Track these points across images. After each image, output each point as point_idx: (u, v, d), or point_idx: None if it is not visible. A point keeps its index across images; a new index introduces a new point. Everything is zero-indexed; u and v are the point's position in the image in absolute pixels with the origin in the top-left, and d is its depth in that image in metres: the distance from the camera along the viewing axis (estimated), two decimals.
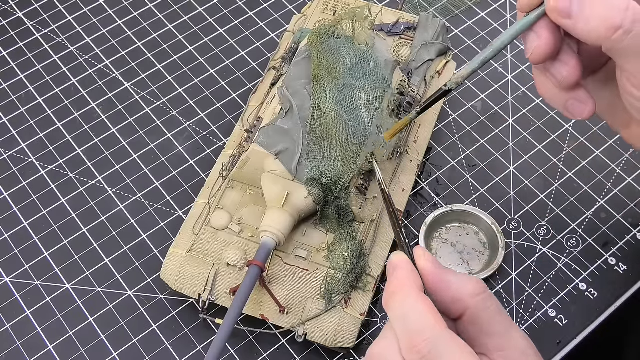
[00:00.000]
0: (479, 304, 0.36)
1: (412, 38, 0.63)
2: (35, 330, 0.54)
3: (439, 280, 0.36)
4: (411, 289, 0.35)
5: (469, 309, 0.36)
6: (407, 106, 0.58)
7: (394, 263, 0.37)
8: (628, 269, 0.57)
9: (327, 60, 0.56)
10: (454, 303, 0.36)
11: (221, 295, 0.52)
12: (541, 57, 0.40)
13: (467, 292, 0.36)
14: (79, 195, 0.61)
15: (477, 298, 0.36)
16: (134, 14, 0.72)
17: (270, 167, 0.53)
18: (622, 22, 0.36)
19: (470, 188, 0.61)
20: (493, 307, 0.36)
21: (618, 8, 0.37)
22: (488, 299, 0.36)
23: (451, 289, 0.36)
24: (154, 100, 0.66)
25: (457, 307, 0.36)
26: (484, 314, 0.36)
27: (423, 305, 0.35)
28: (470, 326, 0.36)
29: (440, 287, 0.36)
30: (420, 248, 0.37)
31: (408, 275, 0.36)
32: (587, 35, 0.38)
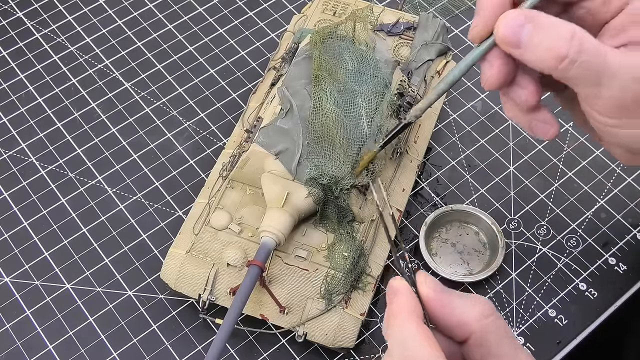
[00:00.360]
0: (485, 327, 0.35)
1: (412, 38, 0.63)
2: (35, 330, 0.54)
3: (441, 306, 0.36)
4: (410, 317, 0.35)
5: (474, 333, 0.35)
6: (407, 106, 0.58)
7: (394, 288, 0.36)
8: (628, 269, 0.57)
9: (329, 62, 0.56)
10: (459, 327, 0.36)
11: (221, 295, 0.52)
12: (495, 85, 0.41)
13: (472, 316, 0.36)
14: (79, 195, 0.61)
15: (483, 321, 0.35)
16: (134, 14, 0.72)
17: (270, 167, 0.53)
18: (567, 51, 0.37)
19: (470, 188, 0.61)
20: (500, 329, 0.36)
21: (563, 37, 0.37)
22: (495, 321, 0.36)
23: (455, 314, 0.36)
24: (154, 100, 0.66)
25: (462, 331, 0.36)
26: (491, 337, 0.35)
27: (421, 334, 0.34)
28: (476, 349, 0.36)
29: (444, 312, 0.36)
30: (422, 273, 0.37)
31: (407, 301, 0.35)
32: (536, 65, 0.39)
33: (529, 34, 0.38)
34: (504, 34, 0.39)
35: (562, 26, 0.38)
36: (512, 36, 0.39)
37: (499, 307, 0.55)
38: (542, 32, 0.38)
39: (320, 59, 0.56)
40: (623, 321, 0.57)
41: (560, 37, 0.37)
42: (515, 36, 0.38)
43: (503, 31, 0.39)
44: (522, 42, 0.38)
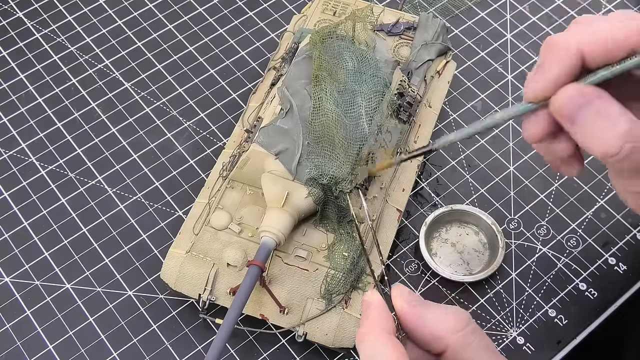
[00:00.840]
0: (459, 341, 0.35)
1: (412, 38, 0.63)
2: (35, 330, 0.54)
3: (415, 318, 0.36)
4: (380, 332, 0.35)
5: (449, 346, 0.35)
6: (407, 106, 0.58)
7: (367, 302, 0.36)
8: (628, 269, 0.57)
9: (329, 62, 0.56)
10: (434, 340, 0.36)
11: (221, 295, 0.52)
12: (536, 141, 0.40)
13: (445, 328, 0.35)
14: (79, 195, 0.61)
15: (457, 335, 0.35)
16: (134, 14, 0.72)
17: (270, 167, 0.53)
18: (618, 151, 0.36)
19: (470, 188, 0.61)
20: (475, 343, 0.36)
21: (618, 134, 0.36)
22: (469, 335, 0.36)
23: (428, 327, 0.36)
24: (154, 100, 0.66)
25: (437, 344, 0.36)
26: (464, 350, 0.35)
27: (391, 350, 0.34)
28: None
29: (417, 324, 0.36)
30: (398, 287, 0.37)
31: (379, 317, 0.36)
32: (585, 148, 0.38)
33: (584, 118, 0.37)
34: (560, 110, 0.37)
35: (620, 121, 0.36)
36: (568, 113, 0.37)
37: (498, 307, 0.55)
38: (597, 122, 0.36)
39: (320, 59, 0.56)
40: (623, 321, 0.57)
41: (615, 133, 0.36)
42: (571, 115, 0.37)
43: (559, 107, 0.37)
44: (577, 121, 0.37)
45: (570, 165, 0.42)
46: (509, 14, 0.71)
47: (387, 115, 0.55)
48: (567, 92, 0.37)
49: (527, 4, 0.72)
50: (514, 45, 0.69)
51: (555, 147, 0.41)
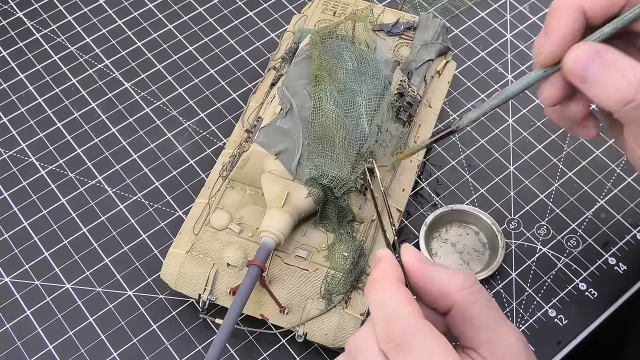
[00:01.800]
0: (466, 298, 0.36)
1: (412, 38, 0.63)
2: (35, 330, 0.54)
3: (423, 275, 0.36)
4: (391, 280, 0.36)
5: (456, 303, 0.36)
6: (407, 106, 0.58)
7: (377, 256, 0.37)
8: (628, 269, 0.57)
9: (329, 62, 0.56)
10: (441, 297, 0.36)
11: (221, 295, 0.52)
12: (553, 103, 0.42)
13: (453, 285, 0.36)
14: (79, 195, 0.61)
15: (464, 292, 0.36)
16: (134, 14, 0.72)
17: (270, 167, 0.53)
18: (633, 96, 0.37)
19: (470, 188, 0.61)
20: (482, 301, 0.36)
21: (631, 81, 0.37)
22: (476, 293, 0.36)
23: (437, 283, 0.36)
24: (154, 100, 0.66)
25: (444, 302, 0.36)
26: (472, 308, 0.36)
27: (401, 295, 0.35)
28: (458, 320, 0.36)
29: (426, 281, 0.36)
30: (408, 245, 0.38)
31: (390, 267, 0.36)
32: (599, 102, 0.39)
33: (596, 72, 0.38)
34: (572, 69, 0.39)
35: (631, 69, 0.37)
36: (579, 71, 0.38)
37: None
38: (609, 72, 0.38)
39: (320, 59, 0.56)
40: (623, 321, 0.57)
41: (628, 80, 0.37)
42: (583, 72, 0.38)
43: (571, 65, 0.39)
44: (589, 78, 0.38)
45: (585, 127, 0.43)
46: (509, 14, 0.71)
47: (388, 117, 0.55)
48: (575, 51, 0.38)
49: (527, 4, 0.72)
50: (514, 45, 0.69)
51: (570, 109, 0.42)
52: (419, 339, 0.33)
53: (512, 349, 0.36)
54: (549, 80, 0.41)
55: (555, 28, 0.39)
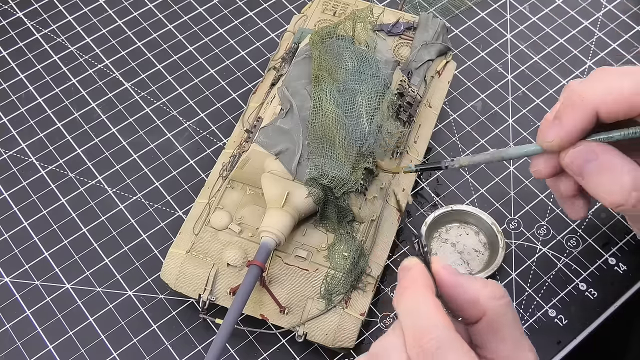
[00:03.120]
0: (497, 309, 0.36)
1: (412, 38, 0.63)
2: (35, 330, 0.54)
3: (454, 284, 0.36)
4: (424, 287, 0.35)
5: (487, 313, 0.36)
6: (407, 106, 0.58)
7: (406, 265, 0.37)
8: (628, 269, 0.57)
9: (329, 62, 0.56)
10: (472, 307, 0.36)
11: (221, 295, 0.52)
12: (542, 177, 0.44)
13: (485, 295, 0.36)
14: (79, 195, 0.61)
15: (496, 302, 0.36)
16: (134, 14, 0.72)
17: (270, 167, 0.53)
18: (624, 202, 0.39)
19: (470, 188, 0.61)
20: (510, 314, 0.36)
21: (624, 187, 0.39)
22: (507, 305, 0.36)
23: (468, 293, 0.36)
24: (154, 100, 0.66)
25: (475, 311, 0.36)
26: (501, 319, 0.36)
27: (433, 304, 0.35)
28: (485, 330, 0.36)
29: (457, 290, 0.36)
30: (437, 258, 0.37)
31: (421, 275, 0.36)
32: (597, 198, 0.41)
33: (591, 172, 0.40)
34: (569, 165, 0.41)
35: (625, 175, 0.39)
36: (576, 169, 0.41)
37: None
38: (603, 175, 0.40)
39: (320, 59, 0.56)
40: (623, 321, 0.57)
41: (620, 186, 0.39)
42: (579, 169, 0.41)
43: (568, 162, 0.41)
44: (584, 175, 0.41)
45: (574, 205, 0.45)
46: (509, 14, 0.71)
47: (388, 117, 0.55)
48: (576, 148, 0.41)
49: (527, 4, 0.72)
50: (514, 45, 0.69)
51: (559, 185, 0.44)
52: (452, 352, 0.33)
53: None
54: (544, 157, 0.43)
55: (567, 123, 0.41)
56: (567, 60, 0.68)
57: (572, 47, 0.69)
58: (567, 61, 0.68)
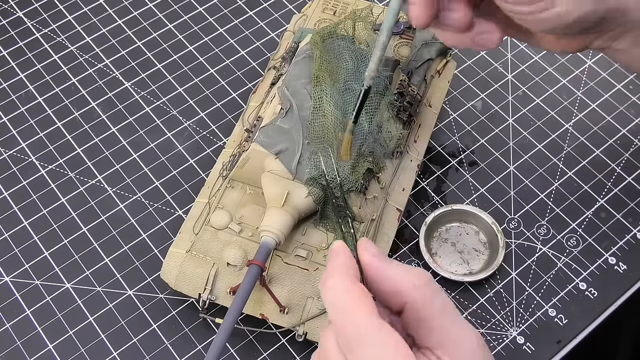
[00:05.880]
0: (418, 297, 0.35)
1: (412, 37, 0.63)
2: (35, 330, 0.54)
3: (376, 270, 0.35)
4: (346, 275, 0.35)
5: (408, 302, 0.35)
6: (407, 106, 0.58)
7: (333, 250, 0.36)
8: (628, 268, 0.57)
9: (330, 62, 0.56)
10: (394, 295, 0.35)
11: (221, 295, 0.52)
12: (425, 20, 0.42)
13: (406, 283, 0.35)
14: (79, 194, 0.61)
15: (417, 290, 0.35)
16: (134, 14, 0.72)
17: (270, 167, 0.53)
18: None
19: (470, 188, 0.61)
20: (435, 301, 0.35)
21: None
22: (429, 292, 0.35)
23: (390, 281, 0.35)
24: (154, 99, 0.66)
25: (397, 300, 0.35)
26: (424, 308, 0.35)
27: (354, 292, 0.34)
28: (411, 320, 0.35)
29: (380, 278, 0.35)
30: (365, 239, 0.37)
31: (345, 261, 0.35)
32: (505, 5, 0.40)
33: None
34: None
35: None
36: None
37: (499, 307, 0.55)
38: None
39: (321, 59, 0.56)
40: (623, 321, 0.57)
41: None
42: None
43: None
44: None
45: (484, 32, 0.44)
46: None
47: (388, 115, 0.55)
48: None
49: None
50: (514, 44, 0.69)
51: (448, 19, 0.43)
52: (371, 336, 0.33)
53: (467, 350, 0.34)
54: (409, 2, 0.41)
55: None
56: (567, 59, 0.68)
57: None
58: (567, 60, 0.68)
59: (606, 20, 0.43)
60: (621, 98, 0.65)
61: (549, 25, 0.42)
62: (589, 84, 0.66)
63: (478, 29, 0.44)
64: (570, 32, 0.44)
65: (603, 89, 0.66)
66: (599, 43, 0.45)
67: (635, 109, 0.65)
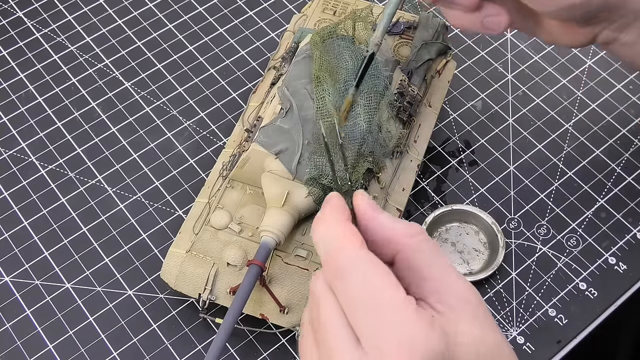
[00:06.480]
0: (411, 246, 0.35)
1: (412, 37, 0.63)
2: (35, 330, 0.54)
3: (371, 218, 0.36)
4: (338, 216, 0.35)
5: (400, 251, 0.35)
6: (407, 106, 0.58)
7: (328, 197, 0.37)
8: (628, 268, 0.57)
9: (330, 62, 0.55)
10: (387, 244, 0.35)
11: (221, 295, 0.52)
12: None
13: (399, 233, 0.35)
14: (79, 194, 0.61)
15: (409, 239, 0.35)
16: (134, 14, 0.72)
17: (270, 167, 0.53)
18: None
19: (470, 188, 0.61)
20: (427, 250, 0.35)
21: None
22: (422, 242, 0.35)
23: (383, 229, 0.35)
24: (154, 99, 0.66)
25: (389, 249, 0.35)
26: (417, 256, 0.35)
27: (343, 229, 0.34)
28: (404, 269, 0.35)
29: (374, 226, 0.36)
30: (361, 191, 0.37)
31: (337, 207, 0.36)
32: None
33: None
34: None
35: None
36: None
37: (499, 307, 0.55)
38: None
39: (321, 60, 0.56)
40: (623, 320, 0.57)
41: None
42: None
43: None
44: None
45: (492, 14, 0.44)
46: None
47: (387, 115, 0.55)
48: None
49: None
50: (514, 44, 0.69)
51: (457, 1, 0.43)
52: (359, 266, 0.33)
53: (461, 297, 0.34)
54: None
55: None
56: (567, 59, 0.68)
57: None
58: (567, 60, 0.68)
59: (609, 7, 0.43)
60: (621, 98, 0.65)
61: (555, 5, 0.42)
62: (589, 84, 0.66)
63: (485, 12, 0.44)
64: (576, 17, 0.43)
65: (603, 89, 0.66)
66: (606, 35, 0.45)
67: (635, 109, 0.65)
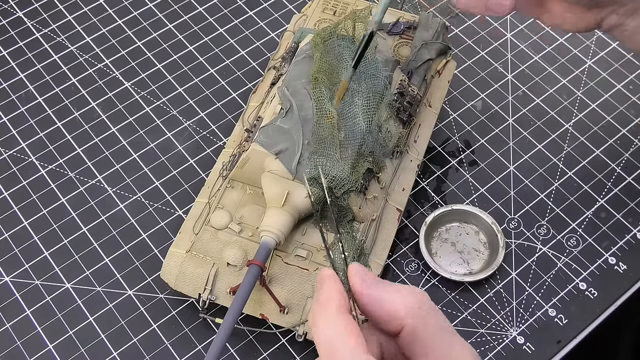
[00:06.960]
0: (414, 320, 0.34)
1: (412, 37, 0.63)
2: (35, 330, 0.54)
3: (368, 296, 0.35)
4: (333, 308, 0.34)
5: (405, 326, 0.34)
6: (407, 106, 0.58)
7: (320, 277, 0.36)
8: (628, 268, 0.57)
9: (330, 63, 0.55)
10: (390, 321, 0.35)
11: (221, 295, 0.52)
12: None
13: (401, 307, 0.34)
14: (79, 194, 0.61)
15: (412, 314, 0.34)
16: (134, 14, 0.72)
17: (270, 167, 0.53)
18: None
19: (470, 188, 0.61)
20: (431, 324, 0.34)
21: None
22: (425, 316, 0.34)
23: (384, 307, 0.35)
24: (154, 99, 0.66)
25: (393, 325, 0.35)
26: (420, 332, 0.34)
27: (343, 326, 0.33)
28: (407, 342, 0.34)
29: (374, 304, 0.35)
30: (355, 265, 0.36)
31: (332, 293, 0.35)
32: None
33: None
34: None
35: None
36: None
37: (499, 307, 0.55)
38: None
39: (321, 61, 0.55)
40: (623, 320, 0.57)
41: None
42: None
43: None
44: None
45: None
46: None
47: (387, 115, 0.55)
48: None
49: None
50: (514, 44, 0.69)
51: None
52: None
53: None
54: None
55: None
56: (567, 59, 0.68)
57: (572, 46, 0.69)
58: (567, 60, 0.68)
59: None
60: (621, 98, 0.65)
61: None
62: (589, 84, 0.66)
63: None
64: None
65: (603, 89, 0.66)
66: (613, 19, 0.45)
67: (635, 109, 0.65)
